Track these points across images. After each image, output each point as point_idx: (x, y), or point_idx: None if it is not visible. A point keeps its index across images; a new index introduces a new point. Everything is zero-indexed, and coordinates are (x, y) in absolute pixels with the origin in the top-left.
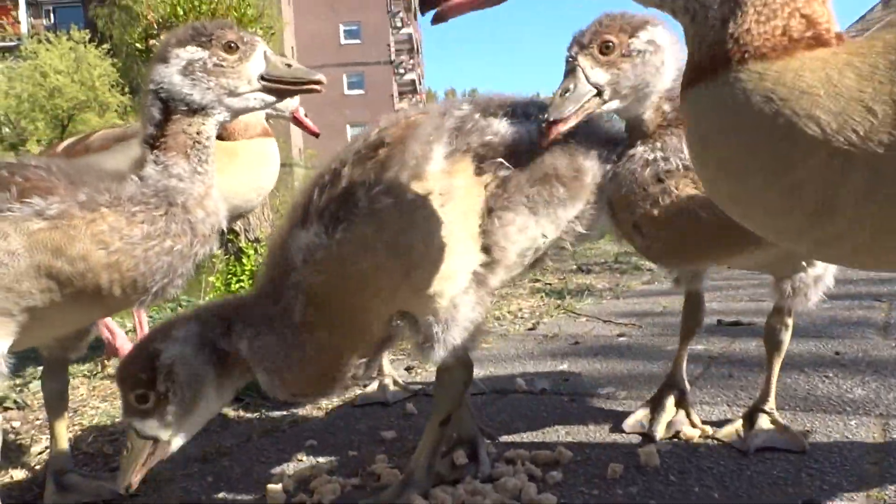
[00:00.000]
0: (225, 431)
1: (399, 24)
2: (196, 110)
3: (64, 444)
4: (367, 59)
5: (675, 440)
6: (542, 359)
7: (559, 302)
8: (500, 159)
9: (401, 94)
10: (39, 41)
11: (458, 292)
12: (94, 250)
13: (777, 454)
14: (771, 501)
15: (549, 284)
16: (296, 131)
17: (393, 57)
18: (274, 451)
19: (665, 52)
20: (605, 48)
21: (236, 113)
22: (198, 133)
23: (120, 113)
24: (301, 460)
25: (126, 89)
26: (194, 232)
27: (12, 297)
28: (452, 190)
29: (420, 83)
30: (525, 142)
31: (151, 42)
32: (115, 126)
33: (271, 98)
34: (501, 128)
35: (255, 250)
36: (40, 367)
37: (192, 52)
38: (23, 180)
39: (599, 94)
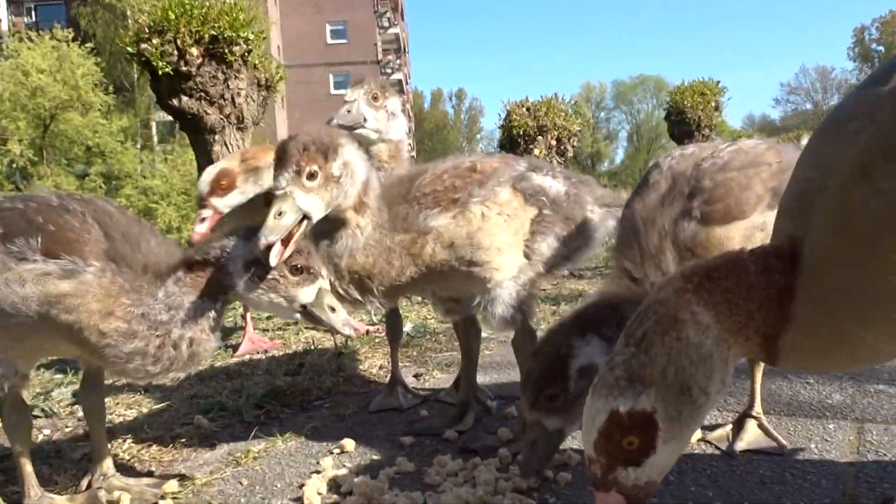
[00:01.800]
0: (249, 436)
1: (386, 24)
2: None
3: (105, 451)
4: (353, 58)
5: None
6: None
7: (555, 308)
8: (543, 197)
9: None
10: (21, 39)
11: (505, 278)
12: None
13: (763, 456)
14: (759, 499)
15: (544, 290)
16: None
17: (380, 56)
18: (301, 455)
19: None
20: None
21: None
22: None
23: (103, 112)
24: (326, 466)
25: (110, 89)
26: (170, 358)
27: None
28: (513, 211)
29: (407, 83)
30: (554, 192)
31: (143, 46)
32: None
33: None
34: (539, 180)
35: None
36: (57, 375)
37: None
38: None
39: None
